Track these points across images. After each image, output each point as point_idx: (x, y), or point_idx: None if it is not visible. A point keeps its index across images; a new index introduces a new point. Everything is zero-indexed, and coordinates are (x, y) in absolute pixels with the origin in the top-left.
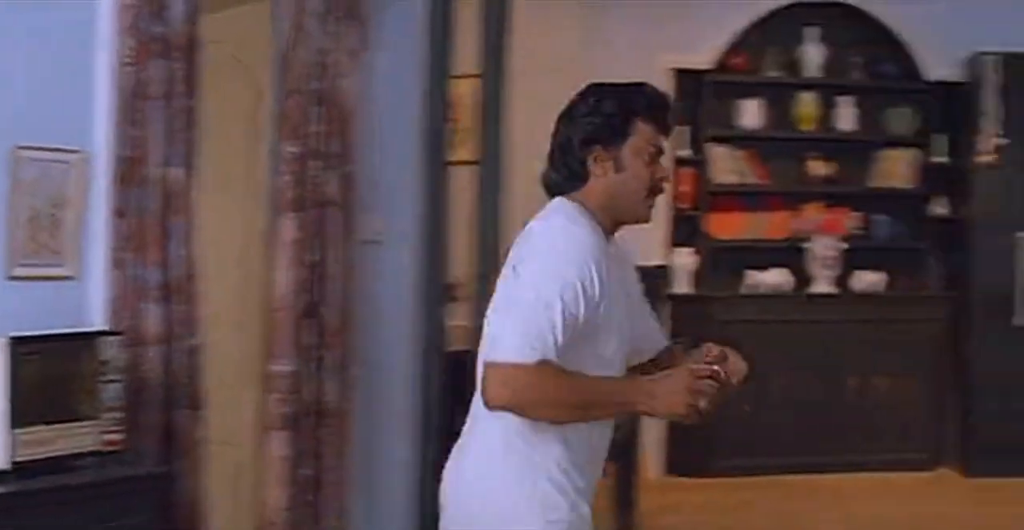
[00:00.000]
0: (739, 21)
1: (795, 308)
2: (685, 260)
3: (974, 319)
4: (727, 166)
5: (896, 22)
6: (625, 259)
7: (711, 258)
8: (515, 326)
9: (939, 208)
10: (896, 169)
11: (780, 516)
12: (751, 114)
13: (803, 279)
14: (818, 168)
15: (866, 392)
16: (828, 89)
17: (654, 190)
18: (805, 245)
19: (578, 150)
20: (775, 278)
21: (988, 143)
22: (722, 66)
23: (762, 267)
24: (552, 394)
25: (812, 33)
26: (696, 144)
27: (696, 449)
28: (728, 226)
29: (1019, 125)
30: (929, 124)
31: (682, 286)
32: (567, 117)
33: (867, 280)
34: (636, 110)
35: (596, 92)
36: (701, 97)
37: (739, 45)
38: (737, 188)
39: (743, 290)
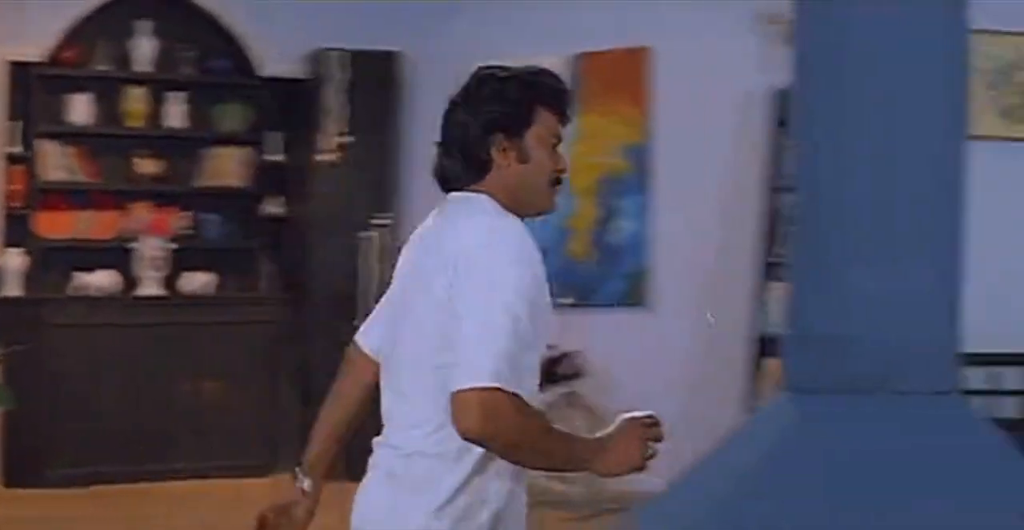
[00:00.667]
0: (72, 12)
1: (124, 311)
2: (14, 261)
3: (314, 321)
4: (57, 163)
5: (232, 17)
6: None
7: (41, 259)
8: (489, 349)
9: (273, 207)
10: (227, 167)
11: (119, 526)
12: (81, 110)
13: (132, 280)
14: (147, 166)
15: (201, 397)
16: (158, 84)
17: (556, 180)
18: (133, 245)
19: (479, 138)
20: (103, 280)
21: (330, 141)
22: (53, 59)
23: (91, 268)
24: (532, 433)
25: (144, 27)
26: (26, 140)
27: (30, 459)
28: (57, 225)
29: (364, 123)
30: (265, 121)
31: (12, 288)
32: (464, 104)
33: (197, 281)
34: (540, 97)
35: (497, 77)
36: (31, 91)
37: (71, 37)
38: (67, 186)
39: (71, 292)
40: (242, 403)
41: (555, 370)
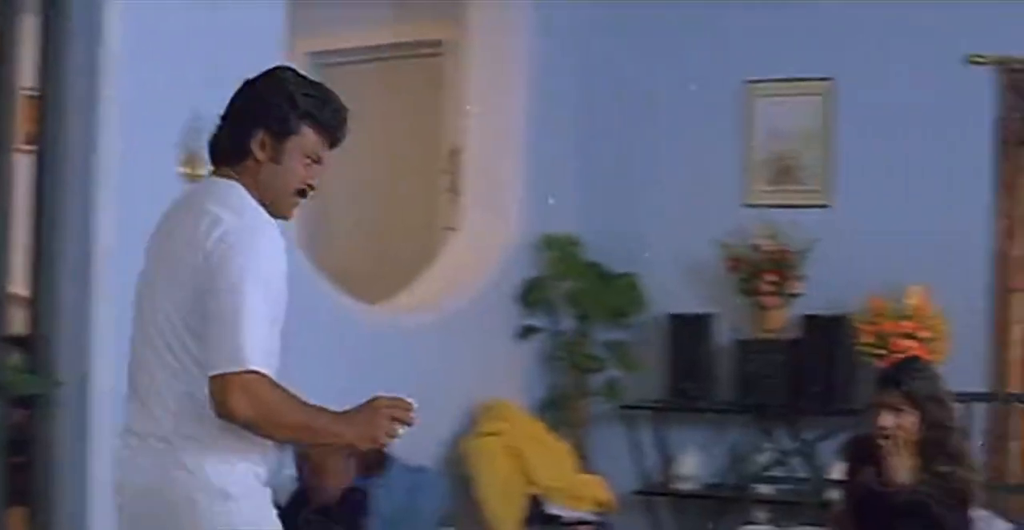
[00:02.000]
0: None
1: None
2: None
3: None
4: None
5: None
6: None
7: None
8: (239, 334)
9: None
10: None
11: None
12: None
13: None
14: None
15: None
16: None
17: (302, 191)
18: None
19: (248, 125)
20: None
21: None
22: None
23: None
24: (286, 410)
25: None
26: None
27: None
28: None
29: None
30: None
31: None
32: (251, 90)
33: None
34: (316, 117)
35: (288, 81)
36: None
37: None
38: None
39: None
40: None
41: None
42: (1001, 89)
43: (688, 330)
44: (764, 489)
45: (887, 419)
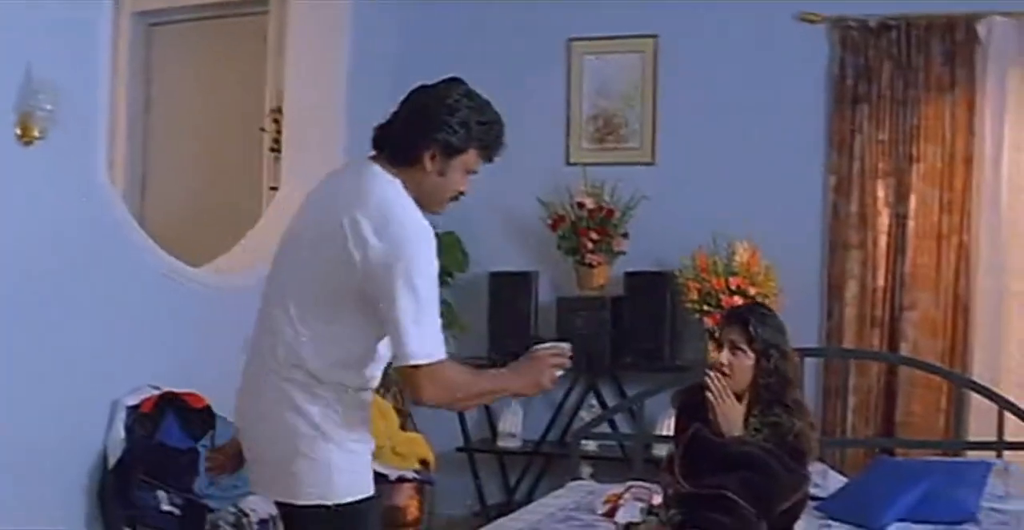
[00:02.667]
0: None
1: None
2: None
3: None
4: None
5: None
6: None
7: None
8: (423, 325)
9: None
10: None
11: None
12: None
13: None
14: None
15: None
16: None
17: (455, 197)
18: None
19: (422, 137)
20: None
21: None
22: None
23: None
24: (471, 387)
25: None
26: None
27: None
28: None
29: None
30: None
31: None
32: (434, 103)
33: None
34: (482, 143)
35: (467, 106)
36: None
37: None
38: None
39: None
40: None
41: None
42: (834, 47)
43: (510, 288)
44: (589, 446)
45: (725, 355)
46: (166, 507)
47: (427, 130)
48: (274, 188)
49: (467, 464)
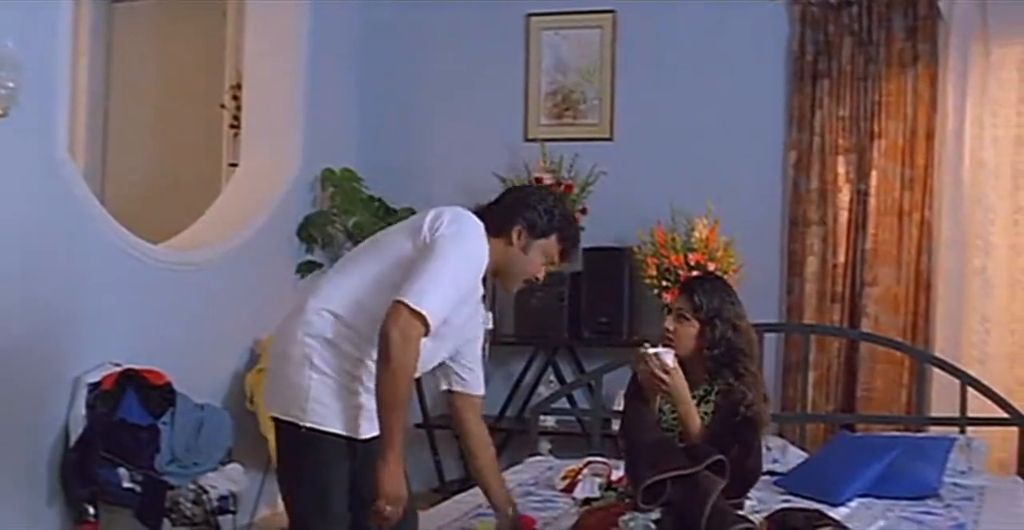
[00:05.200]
0: None
1: None
2: None
3: None
4: None
5: None
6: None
7: None
8: (437, 287)
9: None
10: None
11: None
12: None
13: None
14: None
15: None
16: None
17: (529, 280)
18: None
19: (514, 217)
20: None
21: None
22: None
23: None
24: (406, 376)
25: None
26: None
27: None
28: None
29: None
30: None
31: None
32: (528, 191)
33: None
34: (562, 233)
35: (556, 202)
36: None
37: None
38: None
39: None
40: None
41: None
42: (794, 23)
43: None
44: (547, 421)
45: (669, 322)
46: (127, 484)
47: (518, 209)
48: (233, 165)
49: (426, 440)
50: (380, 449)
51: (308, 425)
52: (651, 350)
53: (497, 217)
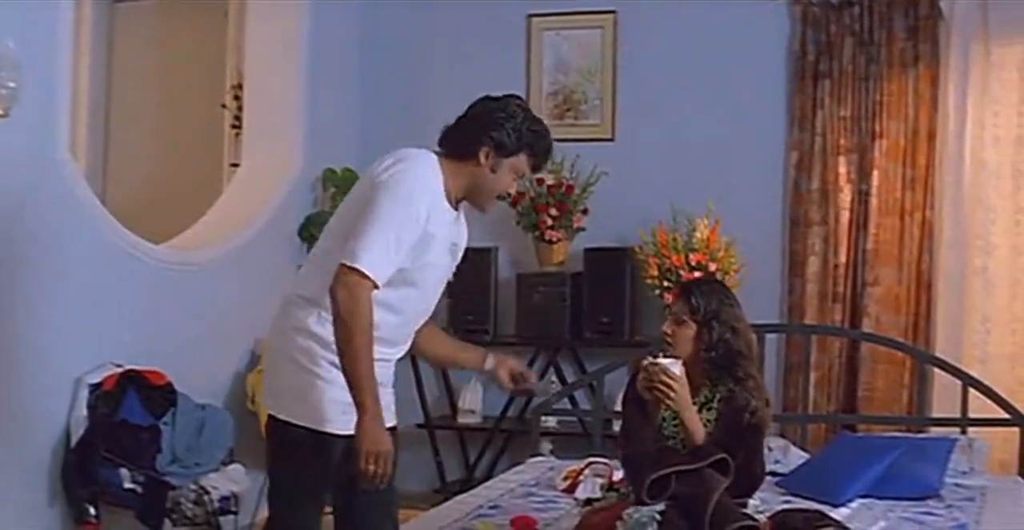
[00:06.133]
0: None
1: None
2: None
3: None
4: None
5: None
6: (461, 229)
7: None
8: (373, 241)
9: None
10: None
11: None
12: None
13: None
14: None
15: None
16: None
17: (501, 196)
18: None
19: (480, 136)
20: None
21: None
22: None
23: None
24: (360, 336)
25: None
26: None
27: None
28: None
29: None
30: None
31: None
32: (491, 107)
33: None
34: (532, 149)
35: (522, 116)
36: None
37: None
38: None
39: None
40: None
41: None
42: (795, 23)
43: (470, 264)
44: (549, 422)
45: (667, 325)
46: (128, 485)
47: (485, 129)
48: (235, 165)
49: (427, 441)
50: (355, 405)
51: (294, 422)
52: (657, 360)
53: (463, 140)
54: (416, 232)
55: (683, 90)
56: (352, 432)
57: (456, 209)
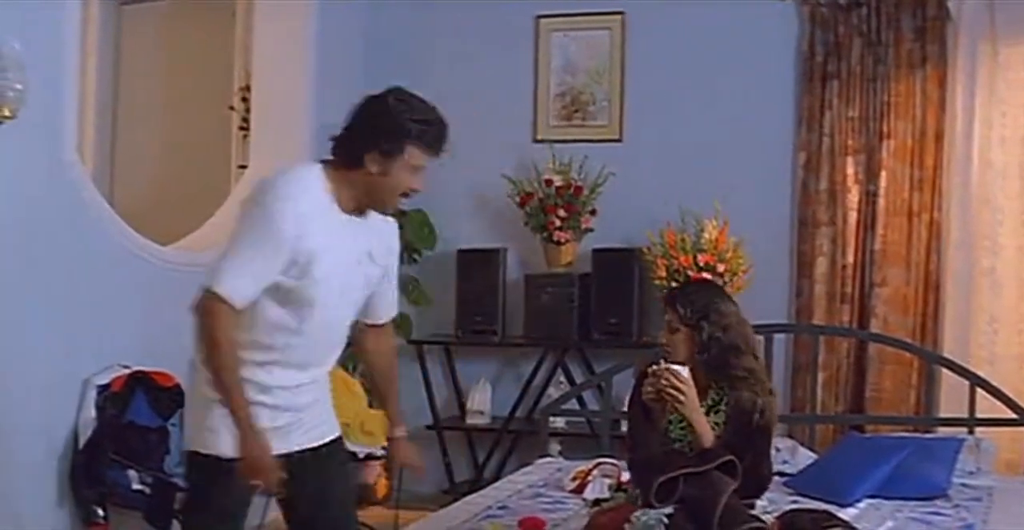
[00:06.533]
0: None
1: None
2: None
3: None
4: None
5: None
6: (374, 233)
7: None
8: (231, 264)
9: None
10: None
11: None
12: None
13: None
14: None
15: None
16: None
17: (406, 194)
18: None
19: (363, 142)
20: None
21: None
22: None
23: None
24: (220, 357)
25: None
26: None
27: None
28: None
29: None
30: None
31: None
32: (370, 108)
33: None
34: (420, 141)
35: (402, 109)
36: None
37: None
38: None
39: None
40: None
41: None
42: (804, 23)
43: (478, 265)
44: (557, 422)
45: (663, 335)
46: (136, 486)
47: (365, 135)
48: (243, 167)
49: (436, 442)
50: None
51: (206, 452)
52: (669, 365)
53: (348, 150)
54: (282, 251)
55: (691, 91)
56: (301, 447)
57: (363, 215)
